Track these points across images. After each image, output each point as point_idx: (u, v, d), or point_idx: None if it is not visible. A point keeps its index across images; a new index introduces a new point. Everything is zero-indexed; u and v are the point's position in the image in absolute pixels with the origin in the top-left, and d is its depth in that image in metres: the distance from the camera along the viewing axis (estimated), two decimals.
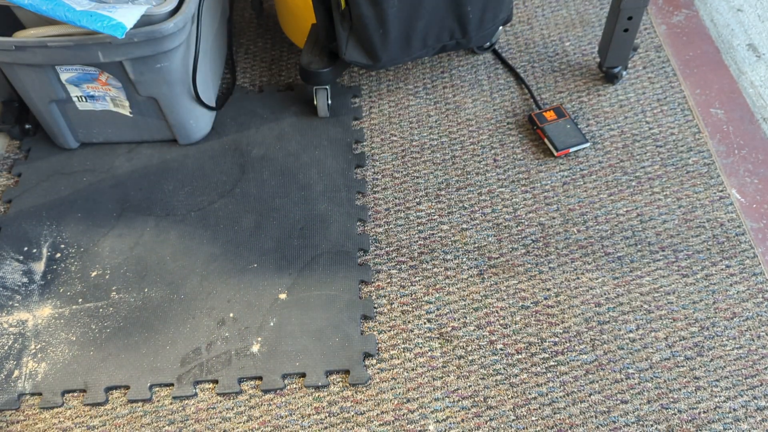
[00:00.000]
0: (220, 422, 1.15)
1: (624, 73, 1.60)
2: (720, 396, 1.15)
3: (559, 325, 1.24)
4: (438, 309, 1.27)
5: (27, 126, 1.56)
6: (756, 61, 1.68)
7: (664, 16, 1.78)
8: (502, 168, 1.47)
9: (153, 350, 1.23)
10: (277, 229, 1.39)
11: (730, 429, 1.12)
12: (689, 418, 1.13)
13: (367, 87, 1.65)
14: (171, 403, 1.18)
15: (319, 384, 1.18)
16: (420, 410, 1.15)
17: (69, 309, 1.29)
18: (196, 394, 1.19)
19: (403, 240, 1.37)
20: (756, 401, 1.14)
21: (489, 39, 1.56)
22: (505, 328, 1.24)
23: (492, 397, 1.16)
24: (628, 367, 1.19)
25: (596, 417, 1.14)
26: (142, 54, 1.30)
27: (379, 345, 1.23)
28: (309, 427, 1.14)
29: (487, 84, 1.63)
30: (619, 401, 1.15)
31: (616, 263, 1.32)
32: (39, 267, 1.35)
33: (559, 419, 1.14)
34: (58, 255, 1.36)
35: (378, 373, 1.20)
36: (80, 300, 1.30)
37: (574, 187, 1.43)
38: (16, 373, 1.21)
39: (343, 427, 1.14)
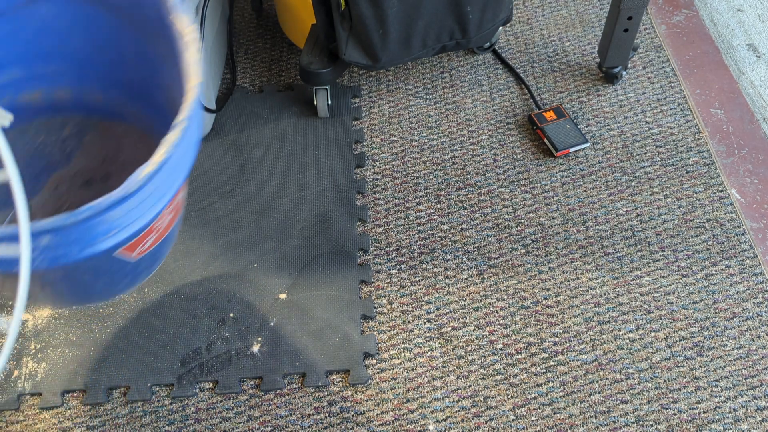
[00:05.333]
0: (220, 422, 1.15)
1: (624, 73, 1.60)
2: (720, 396, 1.15)
3: (559, 325, 1.24)
4: (438, 309, 1.27)
5: None
6: (756, 61, 1.68)
7: (664, 16, 1.78)
8: (502, 168, 1.47)
9: (153, 350, 1.23)
10: (277, 229, 1.39)
11: (730, 429, 1.12)
12: (689, 418, 1.13)
13: (367, 87, 1.65)
14: (171, 403, 1.18)
15: (319, 384, 1.18)
16: (420, 410, 1.15)
17: (69, 309, 1.29)
18: (196, 394, 1.19)
19: (402, 240, 1.37)
20: (756, 401, 1.14)
21: (489, 39, 1.56)
22: (505, 328, 1.24)
23: (492, 397, 1.16)
24: (628, 367, 1.19)
25: (596, 417, 1.14)
26: None
27: (379, 345, 1.23)
28: (309, 427, 1.14)
29: (487, 84, 1.63)
30: (619, 401, 1.15)
31: (616, 263, 1.32)
32: None
33: (559, 419, 1.14)
34: None
35: (378, 373, 1.20)
36: None
37: (573, 187, 1.43)
38: (16, 373, 1.21)
39: (343, 427, 1.14)
